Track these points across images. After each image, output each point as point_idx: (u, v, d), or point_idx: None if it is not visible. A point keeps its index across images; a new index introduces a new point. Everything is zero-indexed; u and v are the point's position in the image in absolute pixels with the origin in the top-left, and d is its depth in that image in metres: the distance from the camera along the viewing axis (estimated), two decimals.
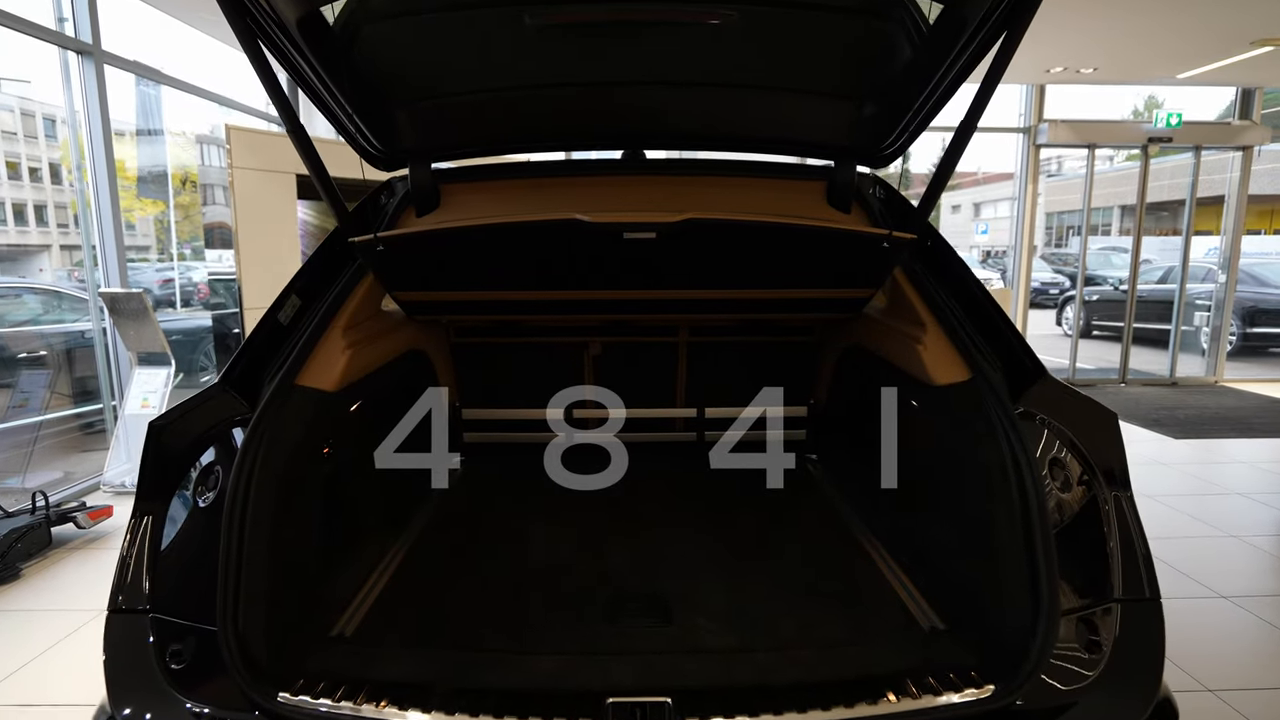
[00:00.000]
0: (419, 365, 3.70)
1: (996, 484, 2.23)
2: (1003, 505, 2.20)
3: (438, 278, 3.05)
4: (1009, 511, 2.18)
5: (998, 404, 2.34)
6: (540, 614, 2.52)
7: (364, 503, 3.08)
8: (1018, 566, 2.15)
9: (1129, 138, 12.37)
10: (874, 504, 3.19)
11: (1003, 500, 2.21)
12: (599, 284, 3.06)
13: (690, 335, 3.98)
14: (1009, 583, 2.16)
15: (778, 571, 2.81)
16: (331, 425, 2.60)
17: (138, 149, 9.47)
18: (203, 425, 2.39)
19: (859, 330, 3.53)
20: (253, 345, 2.58)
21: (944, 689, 1.99)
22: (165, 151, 9.85)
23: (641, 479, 3.80)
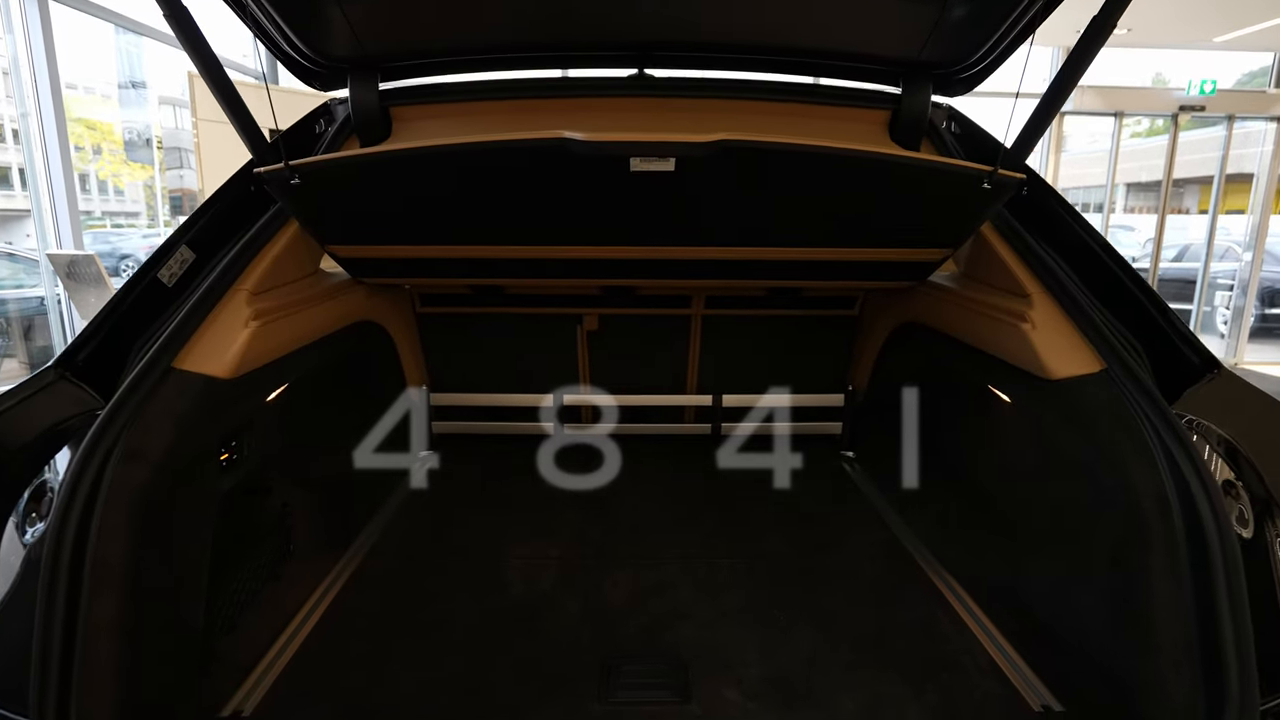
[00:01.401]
0: (373, 341, 2.99)
1: (1151, 522, 1.59)
2: (1159, 553, 1.57)
3: (381, 226, 2.32)
4: (1171, 563, 1.55)
5: (1150, 407, 1.68)
6: (512, 688, 1.86)
7: (285, 526, 2.40)
8: (1182, 639, 1.52)
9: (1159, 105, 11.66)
10: (946, 527, 2.54)
11: (1160, 546, 1.57)
12: (597, 237, 2.34)
13: (706, 307, 3.28)
14: (1168, 659, 1.53)
15: (825, 618, 2.16)
16: (230, 423, 1.91)
17: (123, 111, 8.74)
18: (28, 428, 1.70)
19: (918, 303, 2.84)
20: (115, 314, 1.88)
21: None
22: (150, 114, 9.12)
23: (646, 483, 3.12)
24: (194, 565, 1.77)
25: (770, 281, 2.78)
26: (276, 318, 2.08)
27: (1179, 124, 12.17)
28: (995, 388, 2.28)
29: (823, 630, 2.09)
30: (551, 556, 2.51)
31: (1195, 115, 11.90)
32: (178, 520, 1.71)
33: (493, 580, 2.35)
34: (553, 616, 2.16)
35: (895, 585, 2.33)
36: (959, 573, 2.36)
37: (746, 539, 2.64)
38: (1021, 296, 2.10)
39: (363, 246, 2.38)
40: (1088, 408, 1.80)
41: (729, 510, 2.87)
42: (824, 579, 2.37)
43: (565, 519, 2.78)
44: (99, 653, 1.47)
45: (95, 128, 10.14)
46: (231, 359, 1.86)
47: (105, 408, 1.60)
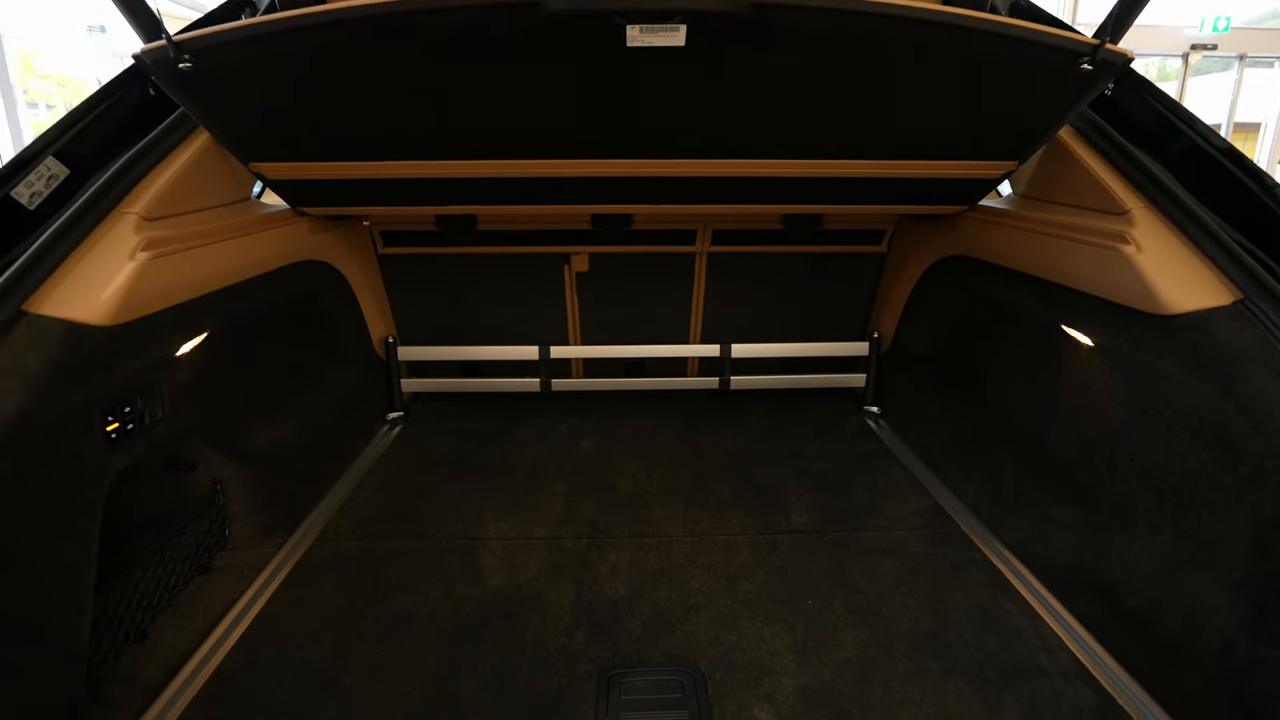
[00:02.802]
0: (324, 285, 2.54)
1: None
2: None
3: (312, 132, 1.84)
4: None
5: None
6: (490, 709, 1.48)
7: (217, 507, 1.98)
8: None
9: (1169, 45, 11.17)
10: (1001, 497, 2.16)
11: None
12: (583, 145, 1.87)
13: (713, 243, 2.84)
14: None
15: (868, 609, 1.79)
16: (114, 384, 1.48)
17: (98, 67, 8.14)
18: None
19: (964, 232, 2.42)
20: None
21: None
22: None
23: (646, 448, 2.72)
24: (71, 566, 1.36)
25: (791, 207, 2.33)
26: (180, 249, 1.63)
27: (1189, 64, 11.71)
28: (1072, 327, 1.88)
29: (868, 624, 1.72)
30: (537, 537, 2.12)
31: (1207, 55, 11.42)
32: (39, 511, 1.29)
33: (467, 568, 1.96)
34: (539, 614, 1.78)
35: (948, 566, 1.96)
36: (1022, 550, 1.99)
37: (765, 511, 2.26)
38: (1117, 214, 1.68)
39: (294, 164, 1.92)
40: (1221, 349, 1.40)
41: (742, 477, 2.48)
42: (861, 557, 2.00)
43: (553, 491, 2.39)
44: None
45: (65, 84, 9.40)
46: (109, 301, 1.42)
47: None
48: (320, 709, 1.47)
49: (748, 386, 3.07)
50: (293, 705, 1.48)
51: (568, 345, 3.06)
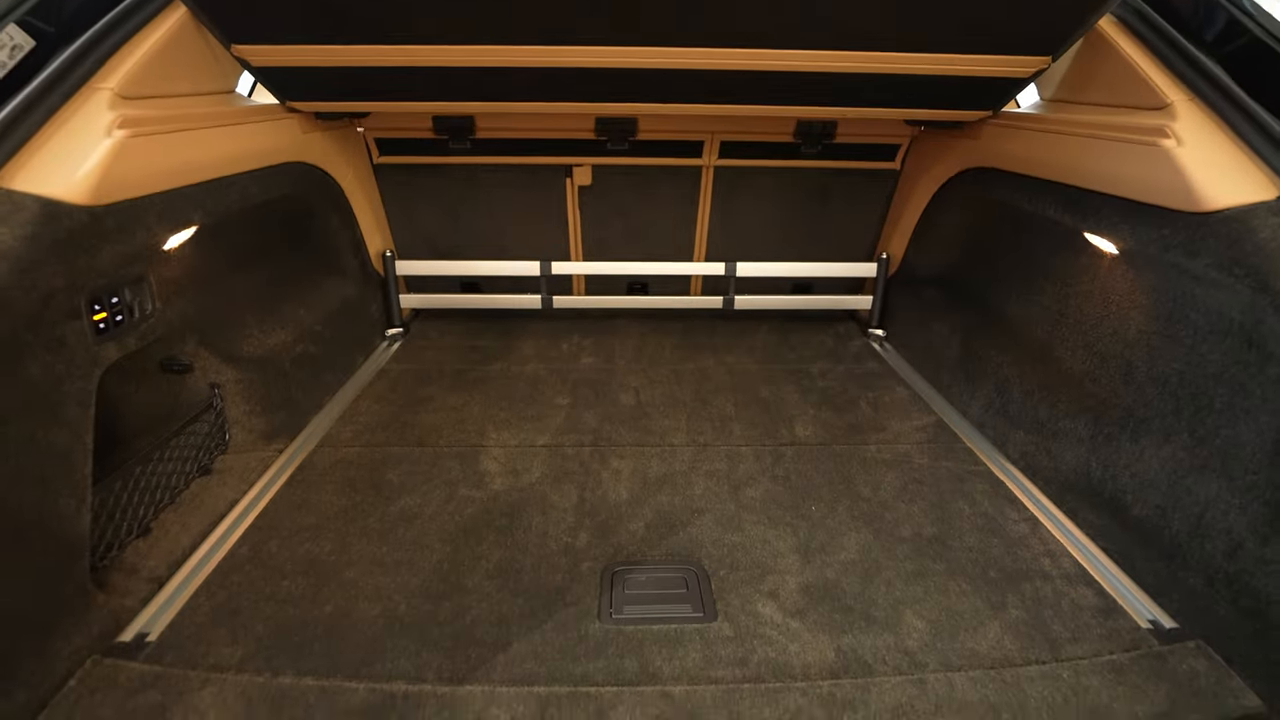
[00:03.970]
0: (317, 189, 2.44)
1: None
2: None
3: (295, 4, 1.72)
4: None
5: None
6: (493, 602, 1.48)
7: (216, 410, 1.96)
8: None
9: None
10: (1007, 411, 2.13)
11: None
12: (583, 27, 1.74)
13: (720, 156, 2.72)
14: None
15: (872, 515, 1.78)
16: (96, 269, 1.42)
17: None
18: None
19: (986, 141, 2.31)
20: None
21: None
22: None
23: (648, 364, 2.69)
24: (64, 454, 1.33)
25: (804, 109, 2.21)
26: (160, 131, 1.54)
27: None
28: (1095, 233, 1.81)
29: (871, 529, 1.72)
30: (539, 445, 2.10)
31: None
32: (26, 393, 1.25)
33: (469, 473, 1.95)
34: (542, 514, 1.77)
35: (951, 477, 1.95)
36: (1026, 463, 1.98)
37: (769, 424, 2.23)
38: (1157, 109, 1.59)
39: (279, 47, 1.80)
40: (1261, 245, 1.34)
41: (746, 393, 2.45)
42: (865, 467, 1.98)
43: (555, 404, 2.36)
44: None
45: None
46: (87, 179, 1.35)
47: None
48: (324, 597, 1.48)
49: (752, 307, 3.01)
50: (297, 593, 1.49)
51: (569, 261, 2.99)
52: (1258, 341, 1.34)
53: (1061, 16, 1.69)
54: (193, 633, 1.39)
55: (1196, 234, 1.46)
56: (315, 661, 1.31)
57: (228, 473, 1.93)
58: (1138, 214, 1.63)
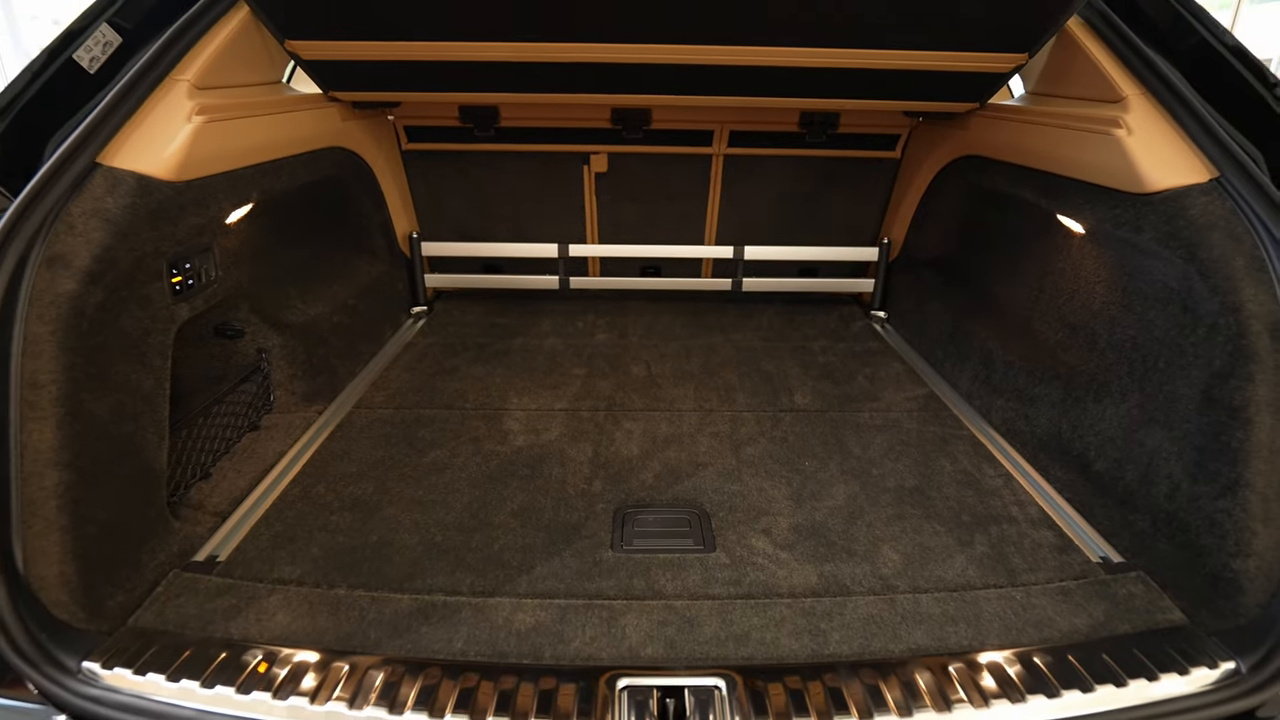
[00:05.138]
0: (352, 172, 2.64)
1: (1259, 351, 1.38)
2: (1267, 385, 1.36)
3: (343, 4, 1.90)
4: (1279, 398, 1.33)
5: (1271, 219, 1.41)
6: (517, 533, 1.68)
7: (263, 373, 2.17)
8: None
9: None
10: (991, 382, 2.30)
11: (1269, 378, 1.36)
12: (605, 24, 1.93)
13: (729, 145, 2.91)
14: (1258, 506, 1.38)
15: (860, 470, 1.96)
16: (177, 237, 1.62)
17: None
18: None
19: (975, 131, 2.48)
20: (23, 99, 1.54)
21: (1160, 668, 1.24)
22: None
23: (660, 340, 2.87)
24: (149, 397, 1.53)
25: (807, 101, 2.38)
26: (227, 118, 1.74)
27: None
28: (1066, 215, 1.98)
29: (859, 481, 1.90)
30: (557, 409, 2.29)
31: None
32: (122, 340, 1.46)
33: (494, 431, 2.14)
34: (560, 466, 1.96)
35: (937, 440, 2.12)
36: (1006, 428, 2.15)
37: (770, 394, 2.42)
38: (1114, 102, 1.75)
39: (327, 42, 1.99)
40: (1192, 221, 1.51)
41: (750, 366, 2.63)
42: (857, 431, 2.16)
43: (571, 375, 2.55)
44: (42, 485, 1.26)
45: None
46: (172, 157, 1.55)
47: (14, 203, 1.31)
48: (369, 529, 1.68)
49: (759, 289, 3.19)
50: (344, 525, 1.69)
51: (586, 244, 3.17)
52: (1191, 306, 1.51)
53: (1034, 17, 1.86)
54: (256, 555, 1.59)
55: (1141, 212, 1.63)
56: (364, 578, 1.51)
57: (274, 429, 2.14)
58: (1098, 196, 1.80)
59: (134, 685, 1.19)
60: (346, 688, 1.18)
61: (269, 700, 1.16)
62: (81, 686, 1.17)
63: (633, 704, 1.17)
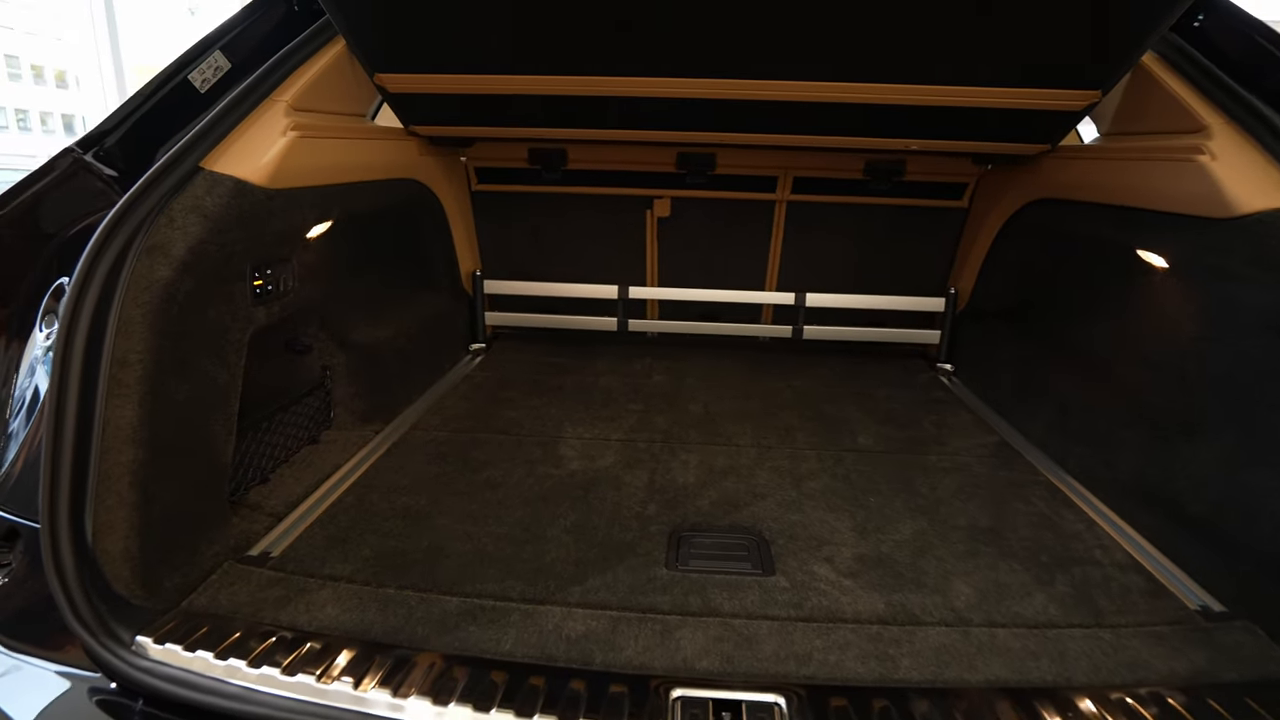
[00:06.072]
0: (424, 205, 2.75)
1: None
2: None
3: (433, 39, 2.02)
4: None
5: None
6: (570, 548, 1.63)
7: (325, 390, 2.22)
8: None
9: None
10: (1067, 429, 2.19)
11: None
12: (673, 59, 2.00)
13: (793, 192, 2.94)
14: None
15: (928, 508, 1.87)
16: (263, 240, 1.71)
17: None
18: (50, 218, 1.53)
19: (1046, 173, 2.45)
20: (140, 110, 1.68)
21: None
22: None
23: (718, 383, 2.84)
24: (223, 391, 1.58)
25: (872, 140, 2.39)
26: (317, 136, 1.85)
27: None
28: (1147, 249, 1.91)
29: (927, 518, 1.80)
30: (612, 439, 2.27)
31: None
32: (205, 332, 1.52)
33: (548, 456, 2.13)
34: (615, 490, 1.92)
35: (1010, 484, 2.01)
36: (1085, 475, 2.02)
37: (832, 434, 2.34)
38: (1194, 132, 1.72)
39: (412, 75, 2.13)
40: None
41: (810, 409, 2.57)
42: (924, 472, 2.07)
43: (627, 409, 2.53)
44: (118, 460, 1.30)
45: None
46: (266, 166, 1.64)
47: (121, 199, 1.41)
48: (420, 535, 1.66)
49: (821, 337, 3.15)
50: (396, 531, 1.67)
51: (645, 287, 3.21)
52: None
53: (1108, 53, 1.85)
54: (309, 552, 1.58)
55: (1230, 236, 1.57)
56: (415, 579, 1.48)
57: (332, 444, 2.17)
58: (1182, 225, 1.74)
59: (183, 661, 1.18)
60: (392, 677, 1.14)
61: (313, 683, 1.12)
62: (133, 658, 1.16)
63: (686, 716, 1.10)
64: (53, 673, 1.19)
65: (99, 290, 1.31)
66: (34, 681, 1.20)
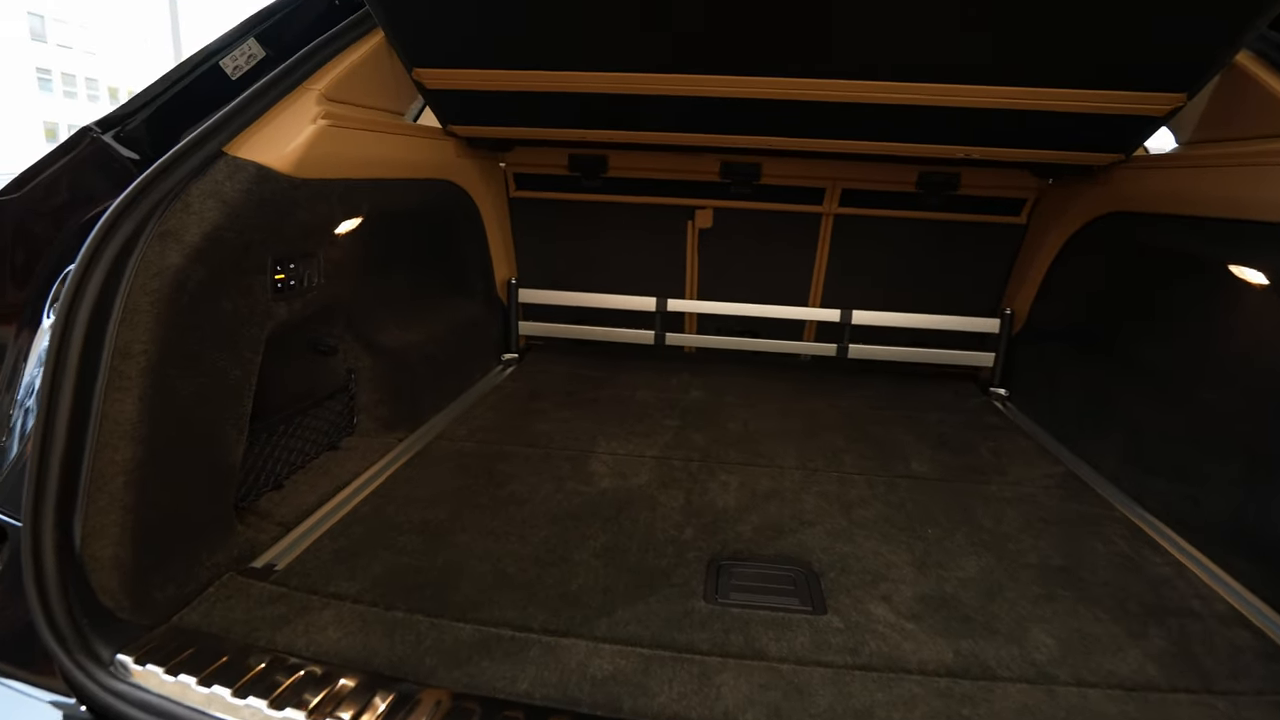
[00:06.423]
0: (459, 208, 2.66)
1: None
2: None
3: (474, 33, 1.92)
4: None
5: None
6: (598, 573, 1.49)
7: (349, 394, 2.12)
8: None
9: None
10: (1143, 461, 1.99)
11: None
12: (726, 56, 1.87)
13: (841, 204, 2.79)
14: None
15: (994, 543, 1.69)
16: (284, 231, 1.62)
17: None
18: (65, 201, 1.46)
19: (1119, 184, 2.26)
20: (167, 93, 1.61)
21: None
22: None
23: (759, 401, 2.69)
24: (235, 389, 1.48)
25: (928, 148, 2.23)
26: (350, 127, 1.77)
27: None
28: (1242, 263, 1.72)
29: (993, 554, 1.62)
30: (648, 456, 2.13)
31: None
32: (218, 324, 1.42)
33: (578, 472, 1.99)
34: (649, 510, 1.78)
35: (1082, 519, 1.82)
36: (1166, 512, 1.82)
37: (881, 458, 2.17)
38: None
39: (453, 71, 2.04)
40: None
41: (857, 431, 2.40)
42: (985, 503, 1.88)
43: (663, 425, 2.39)
44: (114, 458, 1.20)
45: None
46: (292, 153, 1.56)
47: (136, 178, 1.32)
48: (436, 552, 1.53)
49: (867, 356, 2.98)
50: (411, 547, 1.55)
51: (684, 300, 3.07)
52: None
53: (1199, 50, 1.68)
54: (315, 567, 1.46)
55: None
56: (426, 603, 1.35)
57: (353, 451, 2.06)
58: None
59: (162, 686, 1.06)
60: (393, 716, 1.01)
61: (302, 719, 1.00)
62: (109, 680, 1.05)
63: None
64: (24, 695, 1.08)
65: (104, 275, 1.22)
66: (4, 705, 1.09)
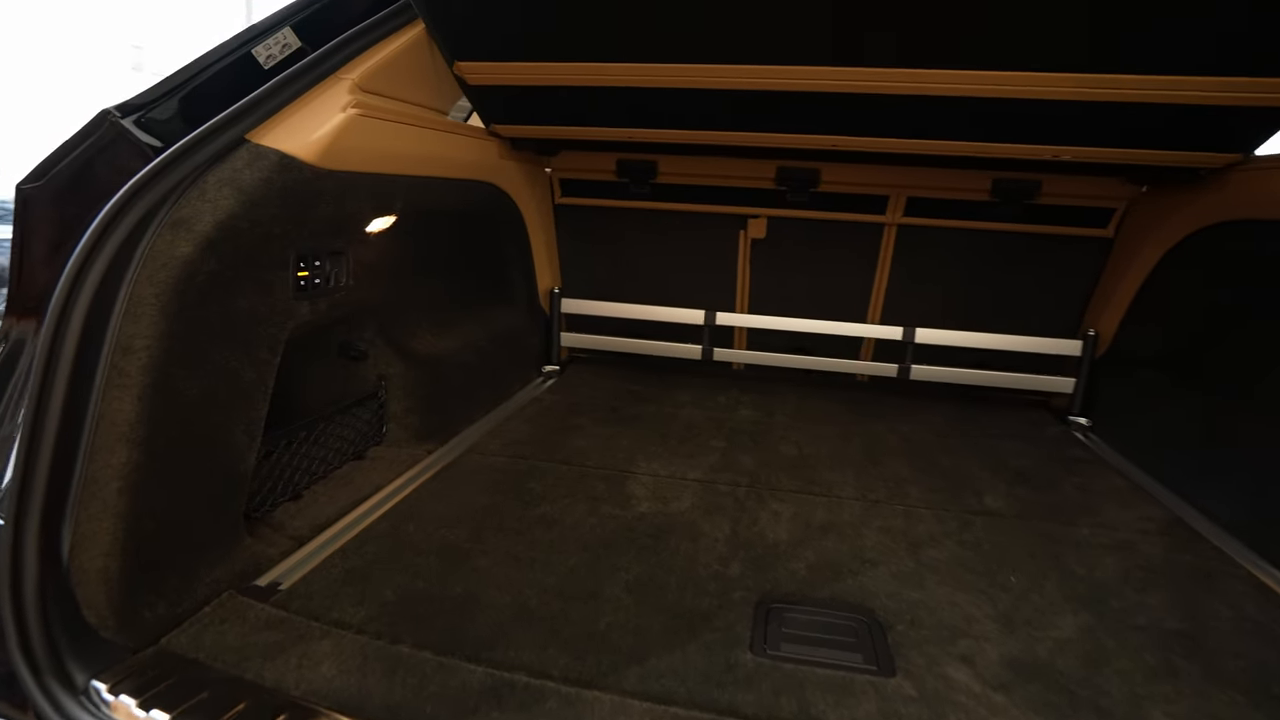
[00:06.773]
0: (501, 212, 2.55)
1: None
2: None
3: (514, 20, 1.80)
4: None
5: None
6: (629, 611, 1.32)
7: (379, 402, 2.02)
8: None
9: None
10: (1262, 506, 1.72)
11: None
12: (788, 53, 1.70)
13: (905, 214, 2.58)
14: None
15: (1092, 598, 1.44)
16: (308, 224, 1.52)
17: None
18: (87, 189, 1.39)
19: (1235, 189, 1.99)
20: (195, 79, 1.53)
21: None
22: None
23: (813, 423, 2.48)
24: (247, 391, 1.38)
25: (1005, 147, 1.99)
26: (384, 119, 1.67)
27: None
28: None
29: (1092, 611, 1.38)
30: (690, 479, 1.95)
31: None
32: (230, 321, 1.32)
33: (615, 493, 1.83)
34: (691, 541, 1.60)
35: (1195, 573, 1.56)
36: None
37: (951, 491, 1.94)
38: None
39: (496, 64, 1.93)
40: None
41: (922, 459, 2.17)
42: (1076, 549, 1.64)
43: (709, 446, 2.21)
44: (109, 461, 1.09)
45: None
46: (318, 142, 1.46)
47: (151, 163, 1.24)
48: (454, 579, 1.38)
49: (931, 378, 2.73)
50: (427, 570, 1.41)
51: (734, 314, 2.90)
52: None
53: None
54: (322, 587, 1.34)
55: None
56: (437, 636, 1.20)
57: (379, 461, 1.95)
58: None
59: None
60: None
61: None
62: (74, 709, 0.93)
63: None
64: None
65: (107, 264, 1.13)
66: None
